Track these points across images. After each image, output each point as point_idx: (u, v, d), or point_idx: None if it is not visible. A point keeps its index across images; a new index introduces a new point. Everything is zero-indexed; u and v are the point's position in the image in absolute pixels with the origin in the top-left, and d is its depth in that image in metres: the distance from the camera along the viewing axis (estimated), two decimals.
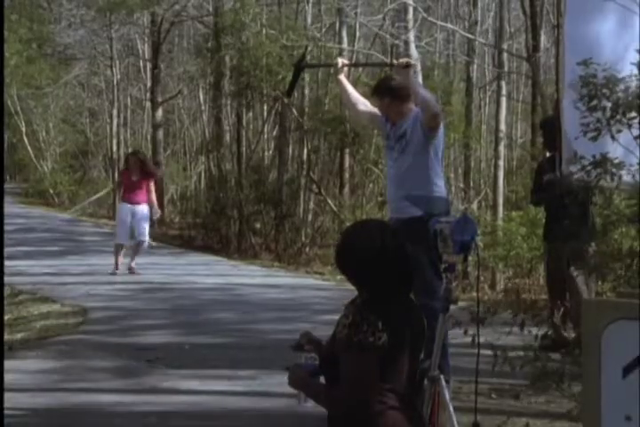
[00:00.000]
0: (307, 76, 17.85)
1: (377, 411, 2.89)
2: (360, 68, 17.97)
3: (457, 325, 5.10)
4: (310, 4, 19.49)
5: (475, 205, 18.87)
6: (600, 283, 7.17)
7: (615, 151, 4.99)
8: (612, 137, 4.83)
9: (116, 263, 12.59)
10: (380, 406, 2.90)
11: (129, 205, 12.55)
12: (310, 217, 18.70)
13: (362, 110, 6.14)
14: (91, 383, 6.55)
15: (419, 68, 14.90)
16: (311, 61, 15.70)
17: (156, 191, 12.94)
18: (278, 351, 6.91)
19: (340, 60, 6.26)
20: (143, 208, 12.55)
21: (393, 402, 2.92)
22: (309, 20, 19.35)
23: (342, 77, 6.14)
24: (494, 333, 6.04)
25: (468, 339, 4.63)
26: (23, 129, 31.51)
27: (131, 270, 12.51)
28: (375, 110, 6.00)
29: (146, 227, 12.62)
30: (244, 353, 7.59)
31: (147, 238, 12.70)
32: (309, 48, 16.36)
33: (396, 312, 2.94)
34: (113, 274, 12.44)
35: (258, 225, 18.40)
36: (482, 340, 4.08)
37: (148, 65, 26.80)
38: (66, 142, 33.26)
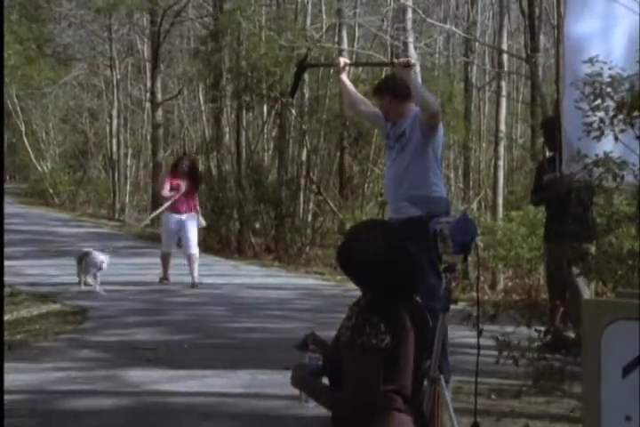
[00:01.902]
0: (306, 75, 17.84)
1: (382, 413, 2.89)
2: (361, 67, 17.97)
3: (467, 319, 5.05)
4: (310, 5, 19.50)
5: (474, 206, 18.88)
6: (600, 283, 7.17)
7: (616, 151, 4.98)
8: (616, 137, 4.82)
9: (165, 273, 11.85)
10: (385, 408, 2.90)
11: (176, 215, 11.62)
12: (310, 217, 18.71)
13: (363, 110, 6.15)
14: (90, 383, 6.54)
15: (418, 68, 14.89)
16: (311, 62, 15.70)
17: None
18: (278, 351, 6.92)
19: (342, 60, 6.26)
20: (191, 217, 11.68)
21: (398, 404, 2.92)
22: (309, 21, 19.37)
23: (344, 77, 6.14)
24: (496, 333, 6.03)
25: (469, 339, 4.63)
26: (23, 129, 31.52)
27: (194, 286, 11.54)
28: (376, 110, 6.01)
29: (194, 238, 11.73)
30: (244, 353, 7.59)
31: (196, 251, 11.71)
32: (309, 48, 16.35)
33: (400, 313, 2.93)
34: (162, 284, 11.74)
35: (257, 225, 18.40)
36: (483, 339, 4.08)
37: (148, 65, 26.81)
38: (65, 142, 33.28)
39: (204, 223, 12.13)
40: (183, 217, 11.61)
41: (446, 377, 4.40)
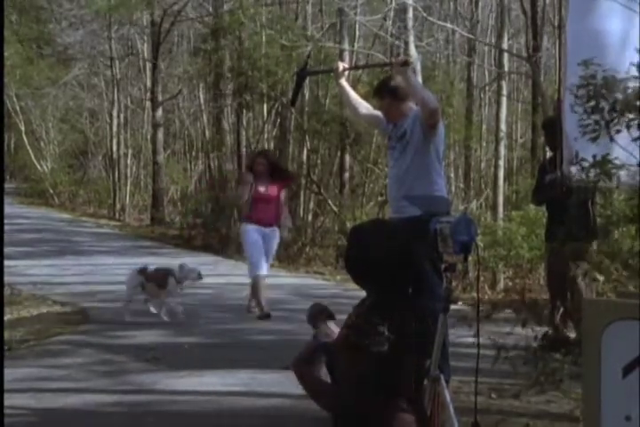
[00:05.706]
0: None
1: (384, 413, 2.88)
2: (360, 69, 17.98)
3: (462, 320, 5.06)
4: (310, 4, 19.51)
5: (474, 205, 18.88)
6: (600, 283, 7.17)
7: (614, 152, 4.97)
8: (611, 138, 4.83)
9: (259, 303, 9.51)
10: (388, 408, 2.89)
11: (259, 227, 9.42)
12: (310, 217, 18.70)
13: (363, 113, 6.17)
14: (90, 383, 6.54)
15: (418, 67, 14.89)
16: (310, 69, 15.70)
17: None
18: (278, 351, 6.92)
19: (341, 65, 6.27)
20: (275, 232, 9.56)
21: (400, 404, 2.92)
22: (310, 21, 19.37)
23: (343, 81, 6.15)
24: (495, 333, 6.03)
25: (468, 339, 4.62)
26: (22, 129, 31.52)
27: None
28: (377, 113, 6.03)
29: (270, 260, 9.86)
30: (244, 353, 7.59)
31: (266, 273, 9.69)
32: (309, 48, 16.35)
33: (402, 313, 2.93)
34: (263, 318, 9.36)
35: None
36: (483, 339, 4.07)
37: (148, 65, 26.81)
38: (65, 142, 33.27)
39: (284, 233, 9.86)
40: (267, 230, 9.48)
41: (446, 377, 4.40)
